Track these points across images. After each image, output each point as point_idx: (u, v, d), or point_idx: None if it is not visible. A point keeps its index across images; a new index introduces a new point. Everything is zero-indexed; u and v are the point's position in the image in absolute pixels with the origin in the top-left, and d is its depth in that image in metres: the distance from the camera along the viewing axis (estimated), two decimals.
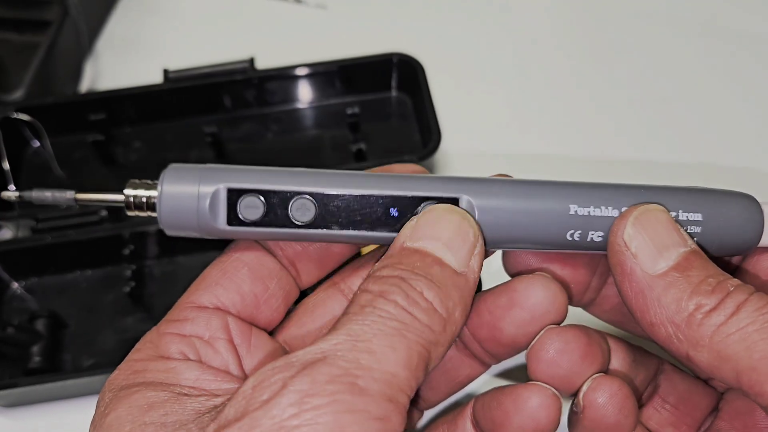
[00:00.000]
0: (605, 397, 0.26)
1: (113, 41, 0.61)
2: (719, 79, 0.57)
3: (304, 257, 0.28)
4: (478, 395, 0.29)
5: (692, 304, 0.23)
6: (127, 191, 0.25)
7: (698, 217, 0.25)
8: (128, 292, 0.46)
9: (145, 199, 0.25)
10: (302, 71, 0.52)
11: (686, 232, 0.25)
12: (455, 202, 0.25)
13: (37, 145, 0.53)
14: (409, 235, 0.24)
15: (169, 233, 0.25)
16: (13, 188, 0.49)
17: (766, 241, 0.26)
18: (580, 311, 0.31)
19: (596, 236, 0.25)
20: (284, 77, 0.53)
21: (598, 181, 0.26)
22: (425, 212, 0.25)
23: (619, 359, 0.29)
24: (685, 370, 0.31)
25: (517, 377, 0.42)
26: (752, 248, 0.26)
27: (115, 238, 0.47)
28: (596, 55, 0.59)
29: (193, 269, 0.48)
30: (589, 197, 0.25)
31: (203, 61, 0.52)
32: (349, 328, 0.22)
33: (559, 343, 0.26)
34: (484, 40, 0.60)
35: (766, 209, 0.26)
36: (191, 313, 0.26)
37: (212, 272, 0.27)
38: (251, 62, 0.52)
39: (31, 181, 0.52)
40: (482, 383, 0.40)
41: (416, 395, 0.29)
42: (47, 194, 0.25)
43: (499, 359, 0.29)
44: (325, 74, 0.53)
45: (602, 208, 0.25)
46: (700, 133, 0.54)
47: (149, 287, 0.48)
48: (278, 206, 0.25)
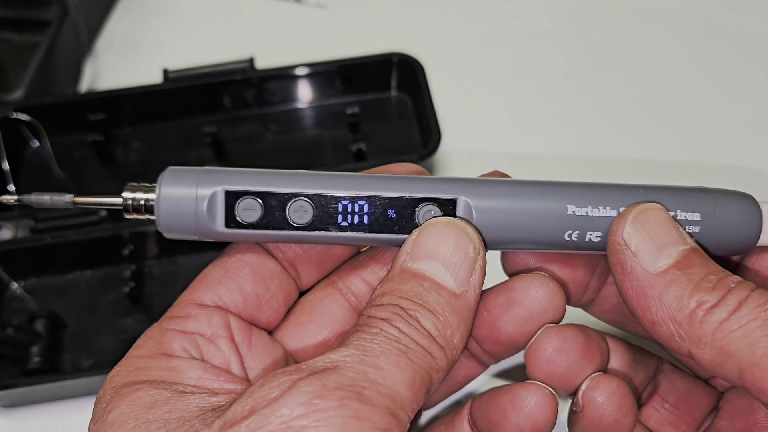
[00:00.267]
0: (604, 395, 0.26)
1: (113, 41, 0.61)
2: (717, 79, 0.57)
3: (304, 259, 0.28)
4: (475, 396, 0.29)
5: (694, 301, 0.23)
6: (125, 194, 0.25)
7: (696, 216, 0.25)
8: (128, 292, 0.46)
9: (143, 202, 0.25)
10: (302, 71, 0.52)
11: (686, 231, 0.25)
12: (453, 203, 0.25)
13: (36, 145, 0.53)
14: (408, 252, 0.24)
15: (167, 236, 0.25)
16: (12, 188, 0.49)
17: (765, 240, 0.26)
18: (579, 312, 0.31)
19: (594, 236, 0.25)
20: (284, 77, 0.53)
21: (596, 180, 0.26)
22: (425, 227, 0.25)
23: (618, 359, 0.29)
24: (684, 369, 0.31)
25: (515, 378, 0.42)
26: (751, 247, 0.26)
27: (114, 238, 0.47)
28: (596, 55, 0.59)
29: (192, 269, 0.48)
30: (586, 197, 0.25)
31: (203, 61, 0.52)
32: (358, 344, 0.22)
33: (557, 341, 0.26)
34: (484, 40, 0.60)
35: (764, 208, 0.26)
36: (193, 310, 0.26)
37: (214, 271, 0.27)
38: (251, 62, 0.52)
39: (30, 180, 0.52)
40: (481, 383, 0.40)
41: None
42: (46, 198, 0.25)
43: (497, 359, 0.29)
44: (325, 74, 0.53)
45: (600, 208, 0.25)
46: (698, 133, 0.54)
47: (149, 287, 0.48)
48: (276, 208, 0.25)
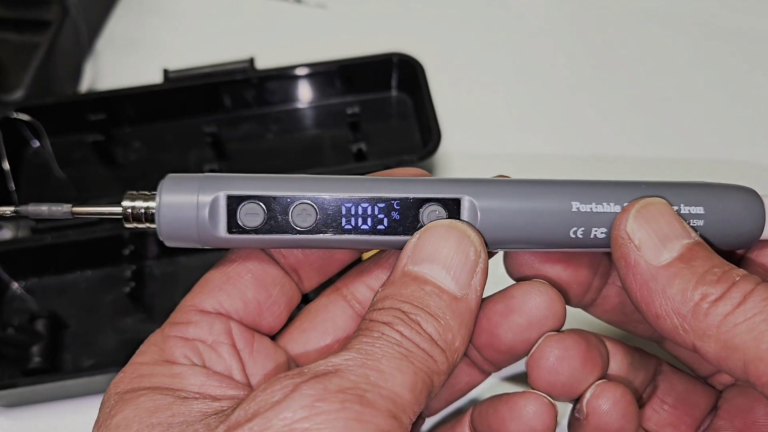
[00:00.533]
0: (609, 403, 0.26)
1: (113, 41, 0.61)
2: (716, 76, 0.57)
3: (305, 264, 0.28)
4: (476, 403, 0.29)
5: (698, 293, 0.23)
6: (124, 203, 0.25)
7: (700, 210, 0.25)
8: (128, 292, 0.46)
9: (143, 210, 0.24)
10: (302, 71, 0.52)
11: (690, 224, 0.25)
12: (457, 202, 0.25)
13: (37, 145, 0.53)
14: (410, 255, 0.25)
15: (169, 244, 0.25)
16: (12, 187, 0.49)
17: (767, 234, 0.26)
18: (579, 312, 0.31)
19: (599, 233, 0.25)
20: (284, 77, 0.53)
21: (598, 179, 0.26)
22: (426, 229, 0.25)
23: (617, 362, 0.29)
24: (683, 369, 0.31)
25: (521, 384, 0.42)
26: (755, 241, 0.26)
27: (115, 238, 0.47)
28: (596, 54, 0.59)
29: (193, 269, 0.48)
30: (590, 194, 0.25)
31: (203, 61, 0.52)
32: (360, 347, 0.22)
33: (558, 350, 0.26)
34: (484, 40, 0.60)
35: (767, 201, 0.26)
36: (194, 316, 0.26)
37: (215, 276, 0.27)
38: (251, 62, 0.52)
39: (31, 181, 0.52)
40: (486, 390, 0.40)
41: None
42: (43, 208, 0.25)
43: (498, 367, 0.29)
44: (325, 74, 0.53)
45: (604, 204, 0.25)
46: (697, 129, 0.54)
47: (149, 287, 0.48)
48: (279, 212, 0.24)
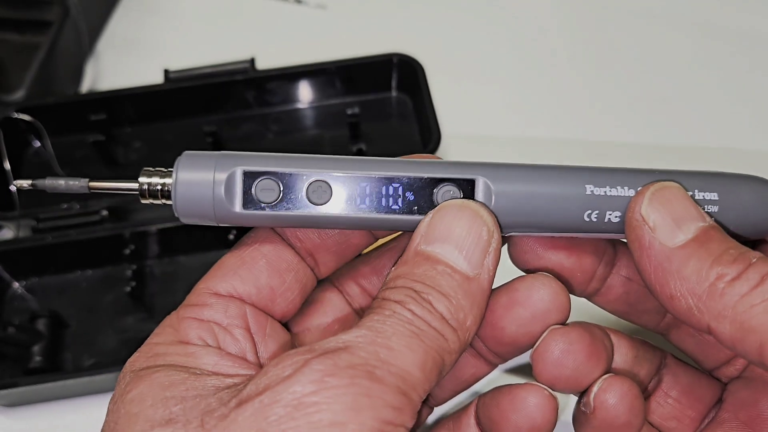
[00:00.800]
0: (616, 397, 0.26)
1: (114, 41, 0.61)
2: (709, 66, 0.57)
3: (322, 248, 0.28)
4: (481, 394, 0.29)
5: (714, 273, 0.22)
6: (141, 179, 0.25)
7: (714, 196, 0.25)
8: (129, 291, 0.46)
9: (159, 186, 0.25)
10: (303, 71, 0.52)
11: (704, 210, 0.25)
12: (472, 183, 0.25)
13: (37, 145, 0.53)
14: (423, 235, 0.25)
15: (184, 221, 0.25)
16: (14, 186, 0.49)
17: None
18: (583, 302, 0.31)
19: (613, 216, 0.25)
20: (284, 77, 0.53)
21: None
22: (439, 209, 0.25)
23: (622, 355, 0.29)
24: (688, 362, 0.31)
25: (529, 375, 0.42)
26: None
27: (115, 238, 0.47)
28: (596, 55, 0.59)
29: (193, 269, 0.48)
30: (604, 178, 0.25)
31: (204, 61, 0.52)
32: (370, 325, 0.22)
33: (563, 343, 0.26)
34: (483, 40, 0.60)
35: None
36: (209, 299, 0.26)
37: (230, 260, 0.27)
38: (251, 62, 0.52)
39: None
40: (492, 380, 0.40)
41: None
42: (60, 182, 0.25)
43: (503, 359, 0.29)
44: (325, 74, 0.53)
45: (618, 188, 0.25)
46: (693, 119, 0.54)
47: (150, 287, 0.48)
48: (294, 189, 0.25)
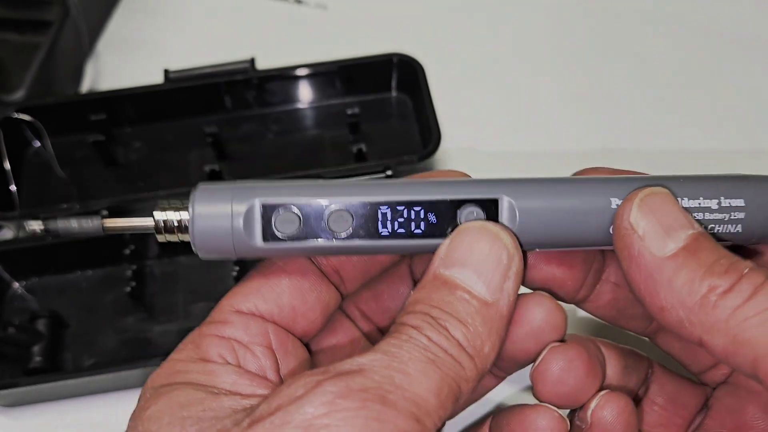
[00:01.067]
0: (613, 414, 0.26)
1: (114, 41, 0.61)
2: (709, 70, 0.57)
3: (347, 265, 0.28)
4: (495, 414, 0.29)
5: (705, 285, 0.22)
6: (156, 214, 0.24)
7: (740, 203, 0.25)
8: (129, 292, 0.46)
9: (176, 222, 0.24)
10: (302, 71, 0.52)
11: (731, 218, 0.24)
12: (495, 203, 0.24)
13: (37, 145, 0.53)
14: (441, 258, 0.24)
15: (203, 257, 0.24)
16: (14, 188, 0.49)
17: None
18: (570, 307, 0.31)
19: None
20: (284, 77, 0.53)
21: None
22: (458, 232, 0.24)
23: (612, 366, 0.29)
24: (673, 370, 0.31)
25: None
26: None
27: (115, 237, 0.47)
28: (596, 55, 0.59)
29: (193, 269, 0.48)
30: (627, 189, 0.25)
31: (204, 61, 0.52)
32: (386, 349, 0.22)
33: (563, 361, 0.26)
34: (483, 40, 0.60)
35: None
36: (231, 316, 0.26)
37: (254, 278, 0.27)
38: (252, 62, 0.52)
39: (32, 181, 0.52)
40: (510, 397, 0.40)
41: None
42: (74, 223, 0.25)
43: (506, 372, 0.30)
44: (325, 74, 0.53)
45: None
46: (700, 121, 0.54)
47: (150, 287, 0.48)
48: (314, 219, 0.24)
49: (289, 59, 0.52)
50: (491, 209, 0.25)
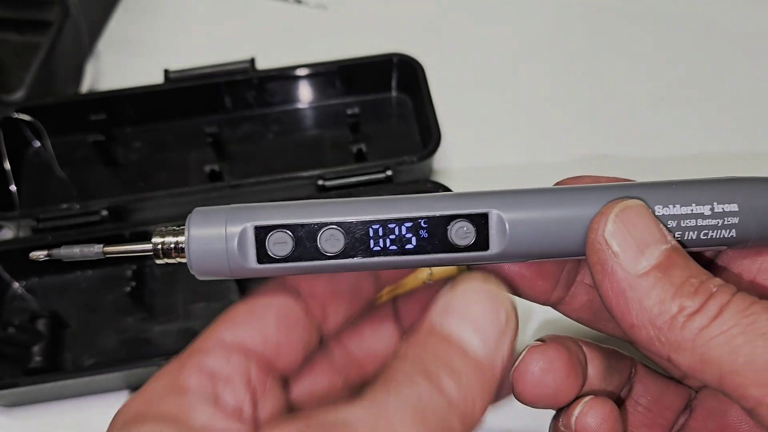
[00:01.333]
0: (598, 420, 0.26)
1: (114, 41, 0.61)
2: (720, 77, 0.57)
3: (333, 299, 0.28)
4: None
5: (675, 306, 0.22)
6: (154, 239, 0.25)
7: (734, 207, 0.24)
8: (129, 291, 0.46)
9: (173, 245, 0.25)
10: (302, 71, 0.52)
11: (724, 223, 0.24)
12: (484, 217, 0.25)
13: (38, 145, 0.53)
14: (439, 311, 0.24)
15: (200, 278, 0.25)
16: (14, 188, 0.49)
17: None
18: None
19: None
20: (284, 77, 0.53)
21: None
22: (457, 285, 0.24)
23: (594, 367, 0.29)
24: (657, 370, 0.31)
25: None
26: None
27: (115, 238, 0.47)
28: (595, 55, 0.59)
29: None
30: (613, 198, 0.25)
31: (204, 61, 0.52)
32: (374, 397, 0.22)
33: (543, 362, 0.26)
34: (483, 40, 0.60)
35: None
36: (214, 346, 0.26)
37: (240, 310, 0.27)
38: (252, 62, 0.52)
39: (32, 180, 0.52)
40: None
41: None
42: (75, 250, 0.25)
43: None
44: (325, 74, 0.53)
45: None
46: (706, 126, 0.54)
47: (150, 287, 0.48)
48: (307, 239, 0.25)
49: (289, 59, 0.52)
50: (481, 223, 0.25)
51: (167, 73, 0.52)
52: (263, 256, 0.25)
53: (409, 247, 0.25)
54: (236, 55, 0.53)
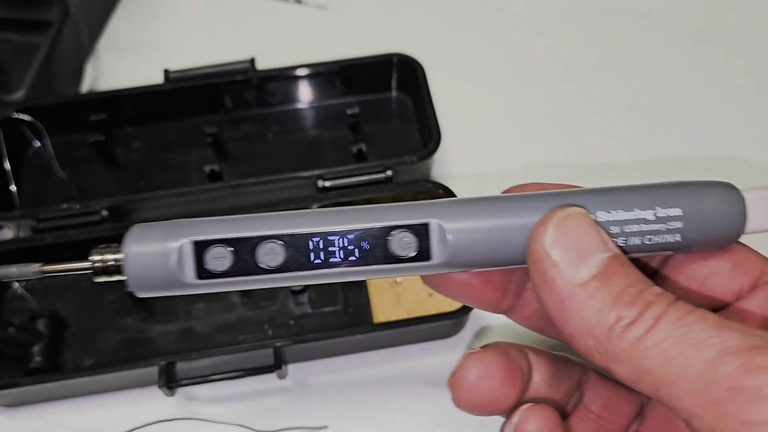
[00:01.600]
0: (536, 428, 0.26)
1: (114, 41, 0.61)
2: (714, 80, 0.57)
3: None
4: None
5: (613, 316, 0.22)
6: (93, 257, 0.25)
7: (678, 212, 0.24)
8: (129, 291, 0.46)
9: (112, 262, 0.24)
10: (302, 71, 0.52)
11: (668, 228, 0.24)
12: (425, 227, 0.24)
13: (38, 145, 0.53)
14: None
15: (139, 295, 0.25)
16: (14, 189, 0.49)
17: (751, 228, 0.25)
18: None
19: None
20: (284, 77, 0.53)
21: (591, 182, 0.26)
22: None
23: (540, 373, 0.28)
24: (609, 377, 0.31)
25: None
26: (737, 237, 0.25)
27: (115, 237, 0.47)
28: (594, 55, 0.59)
29: None
30: (552, 206, 0.24)
31: (204, 61, 0.52)
32: None
33: (478, 369, 0.26)
34: (483, 40, 0.60)
35: (747, 196, 0.25)
36: None
37: None
38: (252, 62, 0.52)
39: (32, 180, 0.52)
40: None
41: None
42: (13, 269, 0.25)
43: None
44: (325, 74, 0.53)
45: None
46: (703, 129, 0.54)
47: None
48: (246, 253, 0.24)
49: (289, 59, 0.52)
50: (422, 233, 0.24)
51: (167, 73, 0.52)
52: (203, 271, 0.24)
53: (351, 259, 0.24)
54: (236, 55, 0.53)
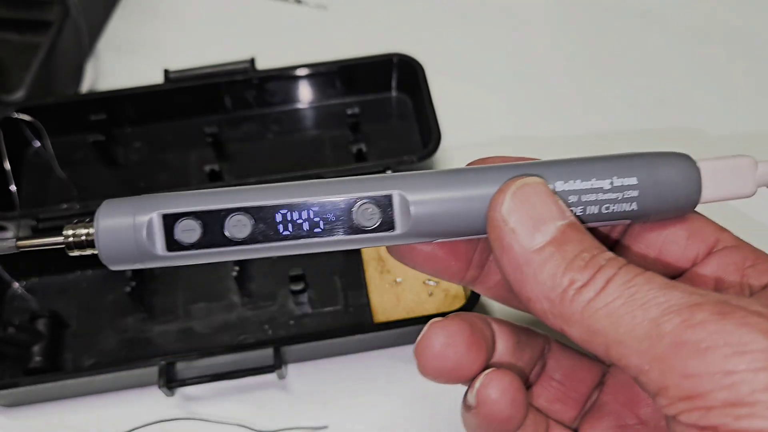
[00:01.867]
0: (498, 392, 0.27)
1: (114, 41, 0.61)
2: (714, 80, 0.57)
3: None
4: None
5: (566, 279, 0.23)
6: (65, 232, 0.26)
7: (633, 181, 0.25)
8: (129, 291, 0.46)
9: (83, 237, 0.25)
10: (302, 71, 0.52)
11: (624, 196, 0.25)
12: (388, 198, 0.25)
13: (38, 145, 0.53)
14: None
15: (112, 267, 0.26)
16: (14, 189, 0.49)
17: (706, 197, 0.26)
18: None
19: None
20: (284, 77, 0.53)
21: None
22: None
23: (503, 342, 0.29)
24: (570, 345, 0.31)
25: None
26: (694, 206, 0.26)
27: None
28: (594, 55, 0.59)
29: (193, 269, 0.48)
30: (508, 177, 0.25)
31: (204, 61, 0.52)
32: None
33: (443, 336, 0.27)
34: (483, 40, 0.60)
35: (702, 166, 0.26)
36: None
37: None
38: (252, 62, 0.52)
39: (32, 180, 0.52)
40: None
41: None
42: None
43: None
44: (325, 74, 0.53)
45: None
46: (698, 130, 0.54)
47: (150, 287, 0.48)
48: (214, 226, 0.25)
49: (289, 59, 0.52)
50: (385, 204, 0.25)
51: (167, 73, 0.52)
52: (172, 243, 0.25)
53: (317, 230, 0.25)
54: (236, 55, 0.53)
